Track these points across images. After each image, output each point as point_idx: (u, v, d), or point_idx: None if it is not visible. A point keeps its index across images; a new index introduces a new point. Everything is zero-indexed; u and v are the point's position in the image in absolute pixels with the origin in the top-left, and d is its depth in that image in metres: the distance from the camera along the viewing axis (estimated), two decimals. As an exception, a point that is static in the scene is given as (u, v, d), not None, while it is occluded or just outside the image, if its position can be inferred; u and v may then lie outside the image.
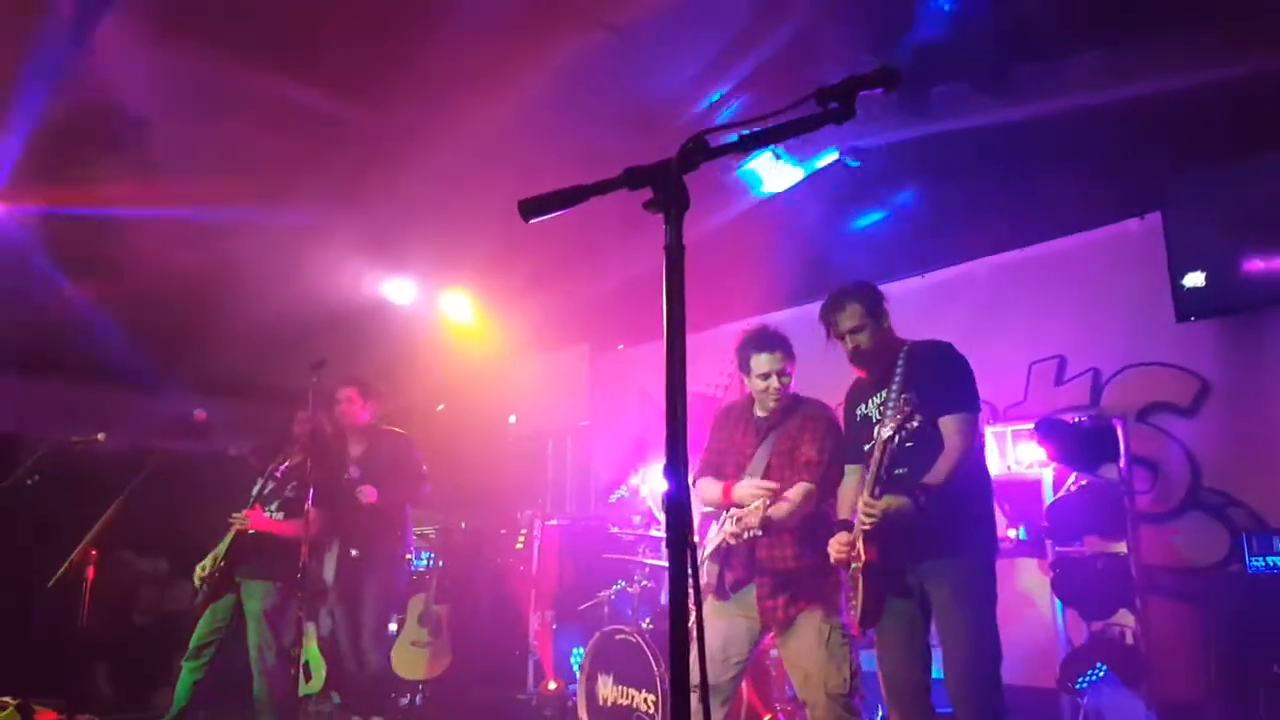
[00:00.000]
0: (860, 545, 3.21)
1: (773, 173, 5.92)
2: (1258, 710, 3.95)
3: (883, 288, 3.59)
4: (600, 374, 8.39)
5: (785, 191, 6.02)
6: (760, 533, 3.44)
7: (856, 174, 5.74)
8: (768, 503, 3.40)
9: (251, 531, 5.07)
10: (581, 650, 5.84)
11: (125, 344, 8.44)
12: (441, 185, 6.19)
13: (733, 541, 3.54)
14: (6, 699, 5.73)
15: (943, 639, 3.26)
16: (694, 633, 3.79)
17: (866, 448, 3.32)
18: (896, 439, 3.20)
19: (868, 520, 3.16)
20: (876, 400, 3.43)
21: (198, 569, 5.17)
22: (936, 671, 3.33)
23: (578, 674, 5.10)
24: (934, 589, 3.25)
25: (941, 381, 3.32)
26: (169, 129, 5.18)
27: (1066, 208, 5.46)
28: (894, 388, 3.35)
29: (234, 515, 5.07)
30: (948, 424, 3.26)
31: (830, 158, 5.78)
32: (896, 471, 3.24)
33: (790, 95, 1.69)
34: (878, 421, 3.32)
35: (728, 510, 3.62)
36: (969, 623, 3.19)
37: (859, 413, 3.55)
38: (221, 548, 5.11)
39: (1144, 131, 4.86)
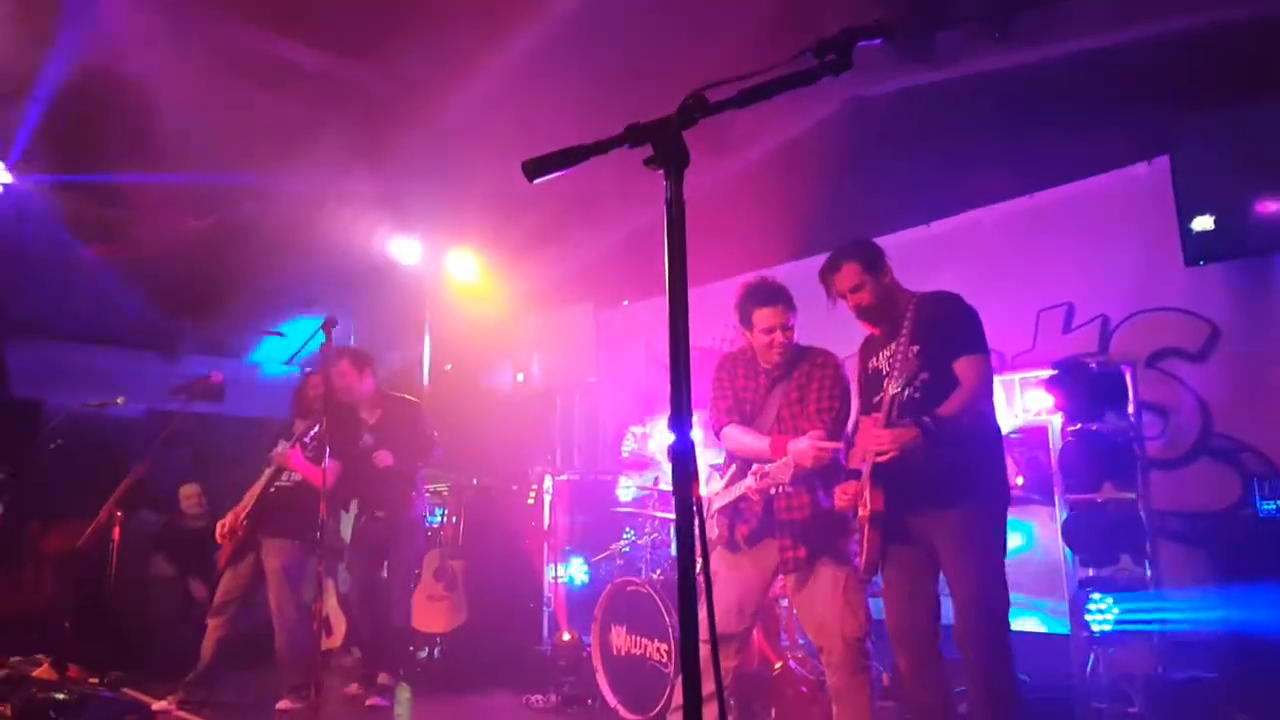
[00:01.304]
0: (867, 493, 3.25)
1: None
2: (1268, 654, 3.99)
3: (887, 239, 3.59)
4: (607, 330, 8.42)
5: (788, 142, 5.97)
6: (791, 487, 3.44)
7: (860, 124, 5.68)
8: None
9: (273, 489, 5.16)
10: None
11: (140, 308, 8.52)
12: (444, 144, 6.17)
13: (756, 497, 3.55)
14: (40, 656, 5.89)
15: (951, 587, 3.30)
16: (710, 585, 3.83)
17: (876, 399, 3.36)
18: (905, 392, 3.23)
19: (879, 454, 3.19)
20: (886, 353, 3.44)
21: (219, 526, 5.27)
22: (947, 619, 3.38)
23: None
24: (940, 538, 3.29)
25: (951, 330, 3.34)
26: (174, 93, 5.16)
27: (1073, 153, 5.40)
28: (902, 340, 3.36)
29: (276, 451, 5.19)
30: (962, 365, 3.28)
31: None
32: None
33: (792, 47, 1.68)
34: (887, 375, 3.34)
35: (753, 464, 3.58)
36: (976, 571, 3.23)
37: (870, 366, 3.57)
38: (246, 504, 5.21)
39: (1150, 75, 4.79)
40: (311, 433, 5.03)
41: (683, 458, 1.58)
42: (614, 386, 8.30)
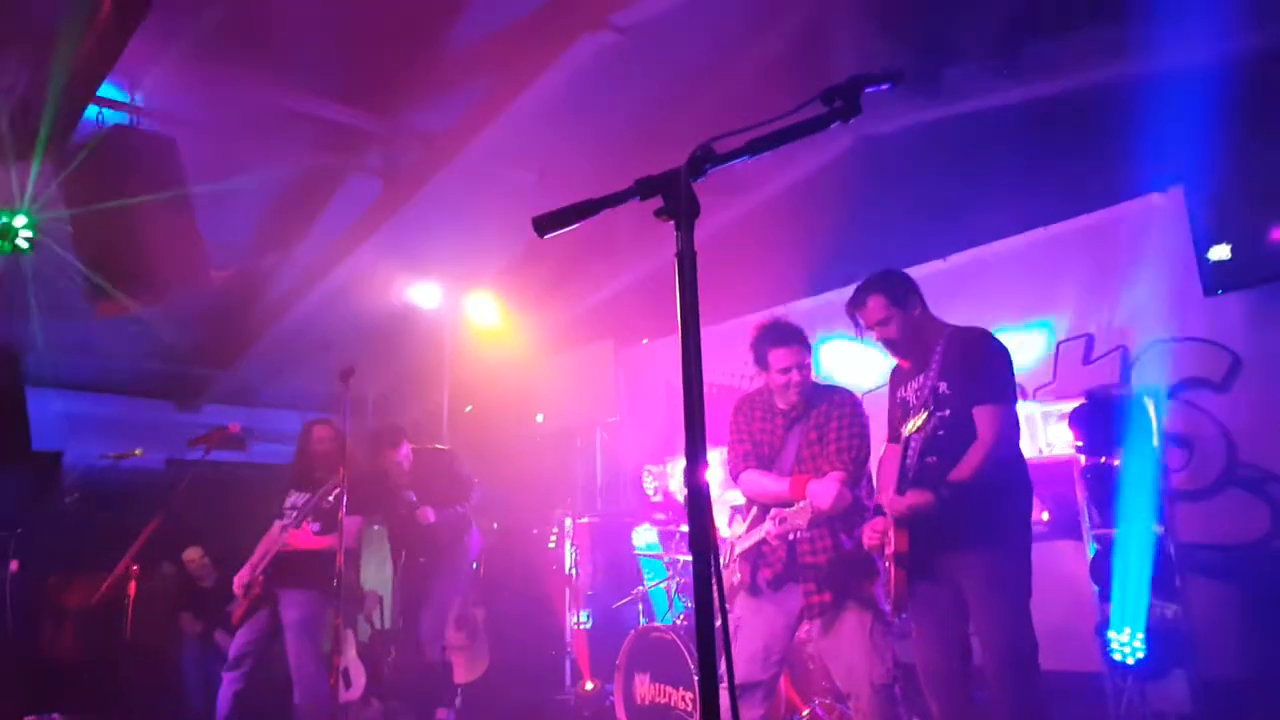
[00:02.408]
0: (891, 533, 3.22)
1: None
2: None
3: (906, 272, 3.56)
4: (626, 368, 8.42)
5: (801, 181, 6.02)
6: (806, 532, 3.42)
7: (872, 161, 5.71)
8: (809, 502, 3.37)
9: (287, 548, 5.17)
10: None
11: (161, 360, 8.60)
12: (462, 190, 6.24)
13: (775, 543, 3.52)
14: (55, 715, 5.86)
15: (977, 629, 3.25)
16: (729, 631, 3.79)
17: (900, 433, 3.34)
18: (928, 429, 3.21)
19: (892, 515, 3.20)
20: (915, 384, 3.41)
21: (237, 580, 5.27)
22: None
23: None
24: (967, 580, 3.25)
25: (976, 371, 3.29)
26: (196, 148, 5.25)
27: (1087, 184, 5.40)
28: (931, 375, 3.34)
29: (275, 532, 5.17)
30: (980, 415, 3.24)
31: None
32: (928, 459, 3.24)
33: (804, 89, 1.70)
34: (912, 408, 3.32)
35: (771, 508, 3.56)
36: (1003, 613, 3.17)
37: (899, 396, 3.54)
38: (260, 558, 5.20)
39: (1163, 105, 4.80)
40: (324, 500, 5.03)
41: (697, 497, 1.57)
42: (635, 425, 8.28)
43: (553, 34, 4.81)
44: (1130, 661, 4.40)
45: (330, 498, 5.03)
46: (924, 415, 3.21)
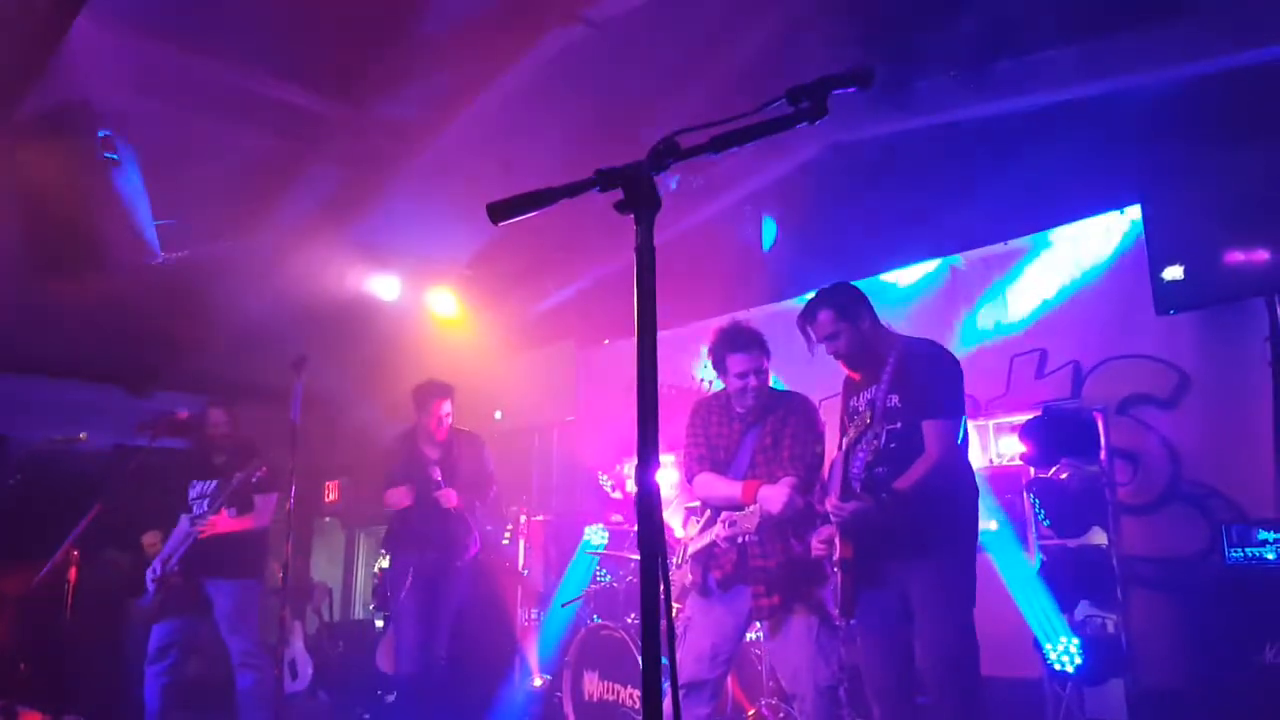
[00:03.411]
0: (837, 540, 3.25)
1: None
2: (1236, 700, 3.99)
3: (864, 283, 3.60)
4: (587, 369, 8.39)
5: (768, 187, 6.04)
6: (756, 536, 3.43)
7: (838, 170, 5.75)
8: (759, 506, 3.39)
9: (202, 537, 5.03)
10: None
11: (108, 343, 8.40)
12: (424, 182, 6.17)
13: (724, 545, 3.53)
14: (-5, 700, 5.71)
15: (920, 635, 3.29)
16: (674, 631, 3.79)
17: (848, 443, 3.36)
18: (877, 443, 3.23)
19: (835, 520, 3.24)
20: (867, 395, 3.44)
21: (148, 572, 5.14)
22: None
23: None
24: (912, 587, 3.29)
25: (925, 385, 3.32)
26: (148, 129, 5.14)
27: (1047, 201, 5.49)
28: (881, 388, 3.36)
29: (194, 523, 5.05)
30: (928, 429, 3.28)
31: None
32: (876, 470, 3.27)
33: (776, 92, 1.69)
34: (859, 419, 3.34)
35: (722, 511, 3.58)
36: (946, 621, 3.22)
37: (851, 405, 3.56)
38: (170, 554, 5.08)
39: (1123, 124, 4.89)
40: (245, 483, 4.95)
41: (647, 498, 1.56)
42: (593, 426, 8.26)
43: (523, 25, 4.77)
44: (1069, 669, 4.48)
45: (254, 479, 4.95)
46: (863, 428, 3.25)
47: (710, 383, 5.71)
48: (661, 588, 1.51)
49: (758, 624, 3.70)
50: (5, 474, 5.70)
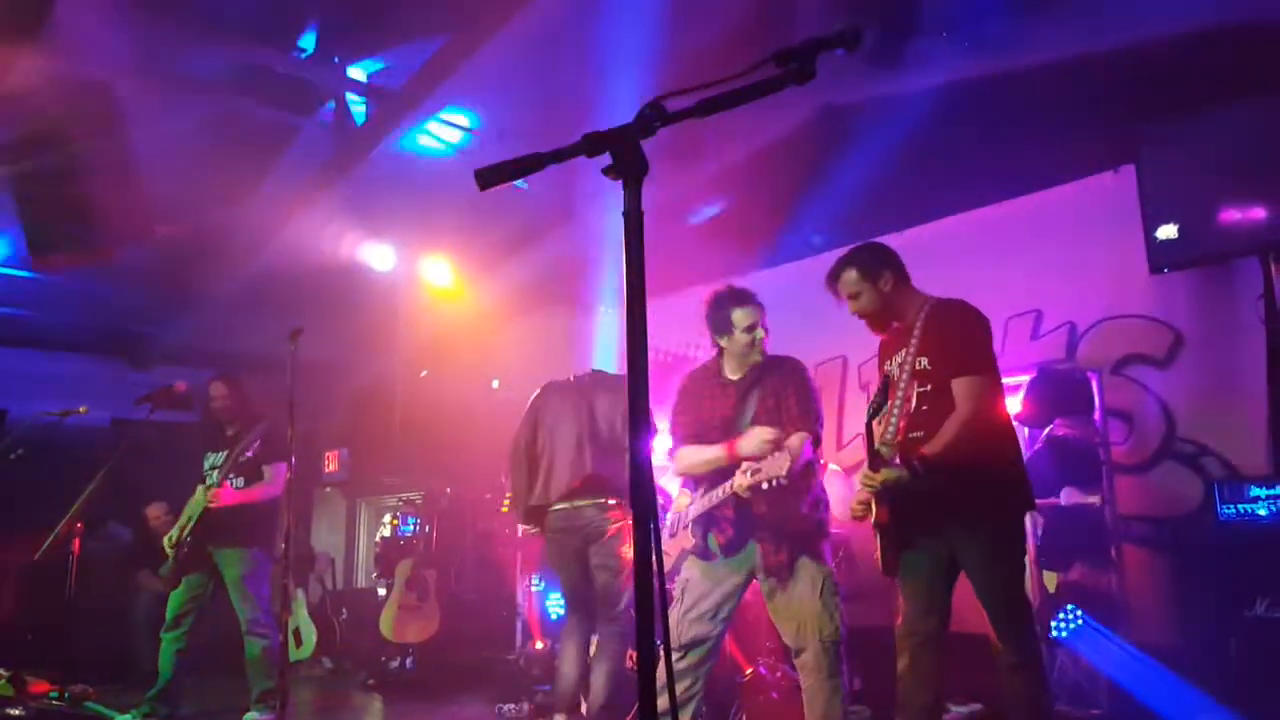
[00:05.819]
0: (873, 505, 3.25)
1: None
2: (1229, 654, 4.05)
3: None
4: (583, 336, 8.39)
5: (758, 151, 5.99)
6: (786, 481, 3.32)
7: (831, 132, 5.71)
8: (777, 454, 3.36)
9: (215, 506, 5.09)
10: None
11: (107, 315, 8.40)
12: (416, 149, 6.14)
13: (746, 495, 3.49)
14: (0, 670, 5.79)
15: (978, 597, 3.22)
16: (671, 595, 3.81)
17: (885, 407, 3.31)
18: (910, 405, 3.21)
19: (866, 489, 3.21)
20: (899, 359, 3.38)
21: (166, 539, 5.20)
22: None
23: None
24: (955, 549, 3.23)
25: (952, 343, 3.27)
26: (140, 100, 5.10)
27: (1041, 162, 5.46)
28: (910, 351, 3.32)
29: (199, 494, 5.10)
30: (958, 387, 3.20)
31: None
32: (912, 435, 3.23)
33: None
34: (894, 384, 3.31)
35: (737, 466, 3.51)
36: (997, 580, 3.17)
37: (886, 369, 3.50)
38: (186, 520, 5.13)
39: (1116, 83, 4.85)
40: (243, 455, 4.98)
41: (639, 462, 1.58)
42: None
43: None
44: (1067, 625, 4.53)
45: (249, 453, 4.99)
46: (894, 392, 3.23)
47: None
48: (655, 552, 1.52)
49: (757, 580, 3.70)
50: (6, 448, 5.71)
